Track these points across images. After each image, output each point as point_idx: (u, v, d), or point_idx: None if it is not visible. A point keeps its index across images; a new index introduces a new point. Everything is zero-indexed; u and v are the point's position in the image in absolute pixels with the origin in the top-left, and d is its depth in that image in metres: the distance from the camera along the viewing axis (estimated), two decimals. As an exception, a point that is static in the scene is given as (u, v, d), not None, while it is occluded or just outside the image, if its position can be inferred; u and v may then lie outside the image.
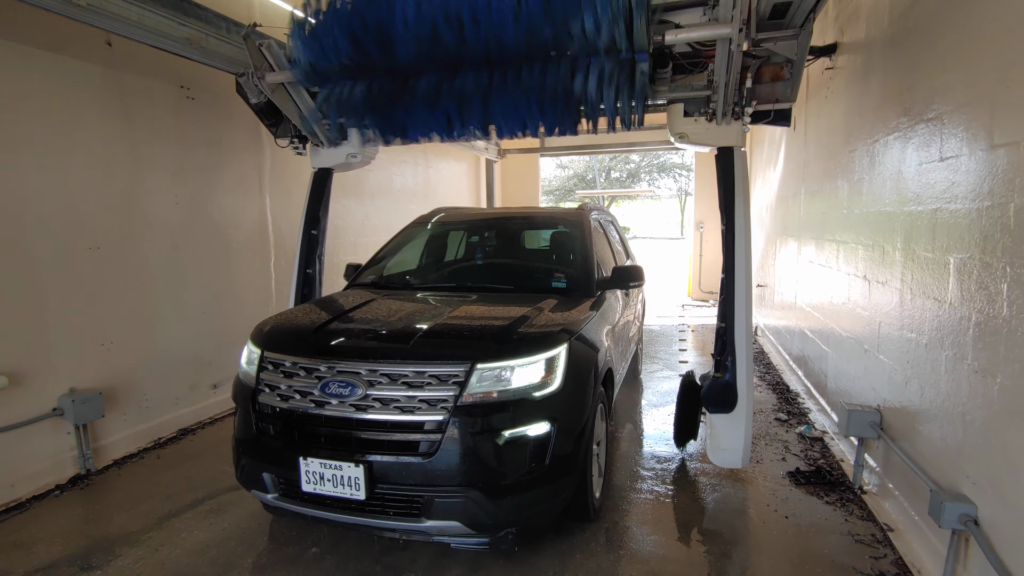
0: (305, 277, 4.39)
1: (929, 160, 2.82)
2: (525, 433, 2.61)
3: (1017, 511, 2.07)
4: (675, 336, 8.39)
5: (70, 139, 3.81)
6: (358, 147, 4.31)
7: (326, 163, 4.40)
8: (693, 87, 3.48)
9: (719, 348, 3.56)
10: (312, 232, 4.44)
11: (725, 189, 3.55)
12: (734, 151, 3.53)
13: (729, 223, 3.52)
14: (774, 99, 3.48)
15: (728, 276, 3.51)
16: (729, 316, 3.47)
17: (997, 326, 2.20)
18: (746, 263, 3.47)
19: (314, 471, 2.60)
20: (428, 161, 9.15)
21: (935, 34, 2.83)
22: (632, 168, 35.29)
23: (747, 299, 3.45)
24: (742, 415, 3.46)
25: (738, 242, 3.49)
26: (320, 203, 4.46)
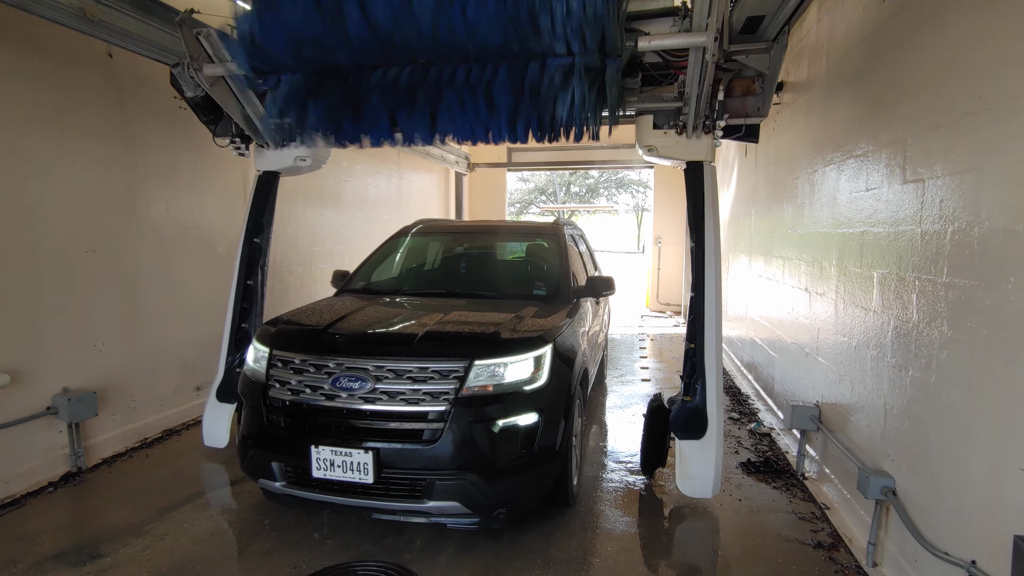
0: (245, 289, 4.16)
1: (858, 190, 3.33)
2: (516, 423, 2.94)
3: (926, 481, 2.53)
4: (635, 344, 8.88)
5: (70, 146, 3.94)
6: (307, 150, 4.06)
7: (272, 166, 4.19)
8: (663, 98, 3.41)
9: (688, 370, 3.46)
10: (254, 240, 4.19)
11: (695, 204, 3.47)
12: (704, 165, 3.50)
13: (699, 240, 3.43)
14: (744, 114, 3.44)
15: (697, 295, 3.41)
16: (699, 337, 3.39)
17: (909, 329, 2.68)
18: (716, 281, 3.40)
19: (325, 458, 2.85)
20: (401, 173, 9.41)
21: (863, 83, 3.35)
22: (591, 183, 36.27)
23: (717, 319, 3.38)
24: (712, 442, 3.35)
25: (708, 259, 3.40)
26: (264, 209, 4.22)
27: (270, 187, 4.24)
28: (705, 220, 3.44)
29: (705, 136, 3.47)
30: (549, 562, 2.99)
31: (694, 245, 3.47)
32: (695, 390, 3.41)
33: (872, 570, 2.88)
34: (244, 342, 4.09)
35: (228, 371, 4.10)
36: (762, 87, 3.41)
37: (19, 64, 3.62)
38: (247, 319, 4.16)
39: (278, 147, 4.06)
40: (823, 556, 3.06)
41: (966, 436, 2.24)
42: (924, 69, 2.66)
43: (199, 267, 5.13)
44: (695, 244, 3.47)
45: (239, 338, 4.13)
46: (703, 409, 3.38)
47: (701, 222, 3.44)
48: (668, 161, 3.71)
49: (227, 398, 4.07)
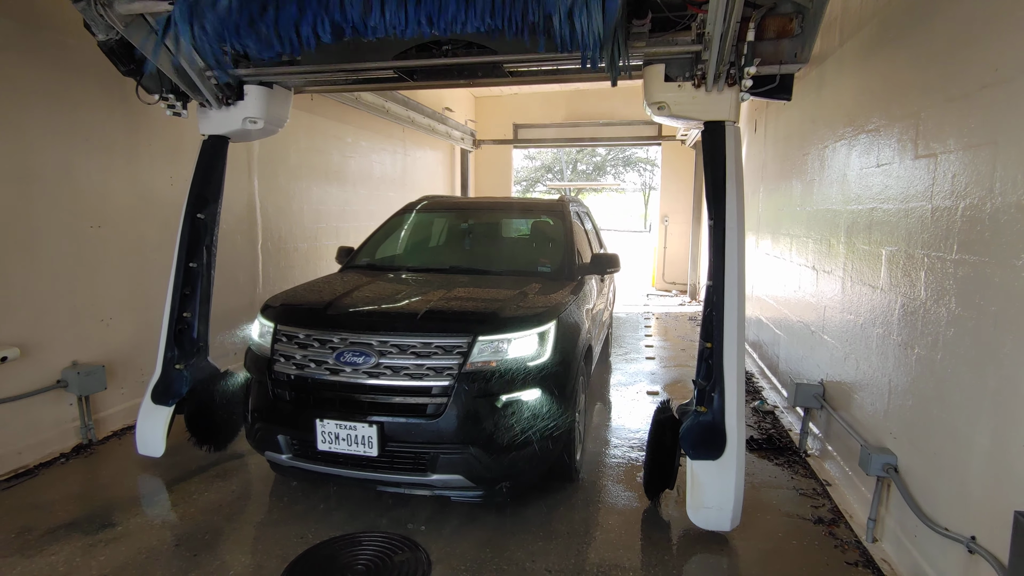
0: (186, 273, 3.69)
1: (868, 166, 3.27)
2: (520, 398, 2.95)
3: (928, 458, 2.53)
4: (641, 323, 8.88)
5: (75, 122, 3.92)
6: (258, 109, 3.57)
7: (218, 129, 3.71)
8: (678, 42, 2.88)
9: (703, 374, 2.96)
10: (198, 216, 3.71)
11: (714, 175, 2.93)
12: (726, 127, 2.95)
13: (719, 217, 2.89)
14: (779, 60, 2.85)
15: (716, 284, 2.87)
16: (717, 335, 2.85)
17: (916, 306, 2.65)
18: (739, 268, 2.85)
19: (330, 431, 2.88)
20: (406, 149, 9.34)
21: (877, 56, 3.27)
22: (598, 161, 35.96)
23: (739, 314, 2.83)
24: (732, 464, 2.81)
25: (729, 241, 2.85)
26: (210, 181, 3.72)
27: (217, 155, 3.76)
28: (727, 193, 2.88)
29: (729, 89, 2.89)
30: (551, 535, 3.03)
31: (713, 223, 2.92)
32: (711, 400, 2.88)
33: (872, 545, 2.90)
34: (186, 334, 3.72)
35: (166, 368, 3.68)
36: (802, 26, 2.78)
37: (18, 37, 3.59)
38: (189, 307, 3.73)
39: (223, 106, 3.54)
40: (823, 531, 3.08)
41: (970, 413, 2.23)
42: (939, 40, 2.59)
43: (204, 243, 5.13)
44: (714, 222, 2.91)
45: (179, 329, 3.71)
46: (720, 424, 2.83)
47: (722, 196, 2.89)
48: (681, 122, 3.13)
49: (164, 400, 3.63)
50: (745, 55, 2.77)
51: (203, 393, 3.68)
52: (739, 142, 2.99)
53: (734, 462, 2.83)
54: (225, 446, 3.87)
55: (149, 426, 3.64)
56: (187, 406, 3.66)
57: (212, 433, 3.74)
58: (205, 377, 3.76)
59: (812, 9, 2.77)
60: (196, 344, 3.79)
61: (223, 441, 3.84)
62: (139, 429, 3.66)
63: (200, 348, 3.82)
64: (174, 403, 3.64)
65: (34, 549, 2.86)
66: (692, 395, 3.10)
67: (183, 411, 3.68)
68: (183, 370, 3.68)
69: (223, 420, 3.75)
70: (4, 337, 3.53)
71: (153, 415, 3.64)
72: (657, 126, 11.57)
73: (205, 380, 3.74)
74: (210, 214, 3.77)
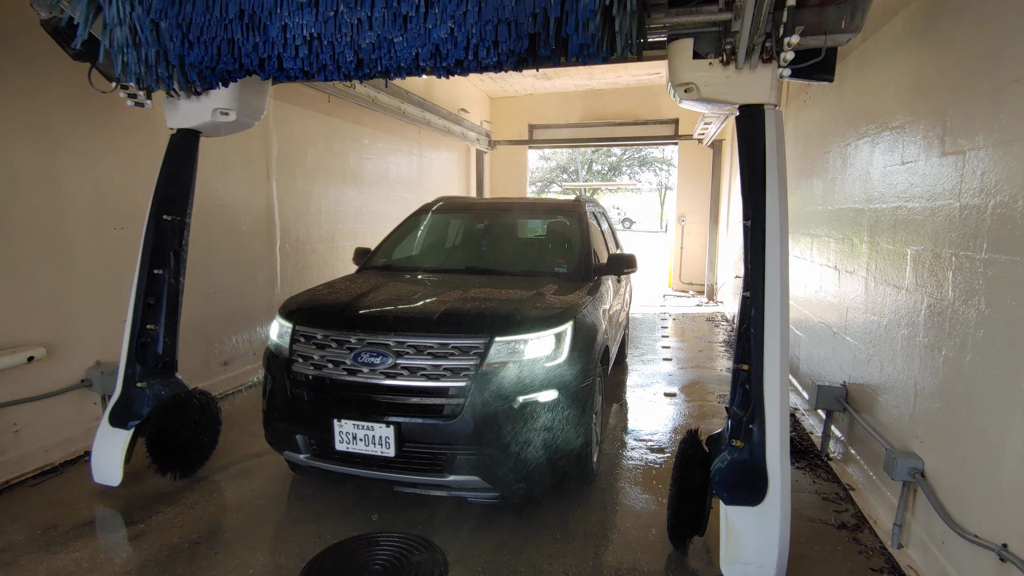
0: (151, 281, 3.39)
1: (892, 163, 3.20)
2: (537, 399, 2.93)
3: (956, 462, 2.47)
4: (657, 324, 8.81)
5: (100, 130, 3.99)
6: (229, 99, 3.25)
7: (186, 122, 3.40)
8: (702, 12, 2.58)
9: (739, 401, 2.60)
10: (164, 218, 3.40)
11: (751, 167, 2.60)
12: (765, 111, 2.61)
13: (758, 217, 2.56)
14: (823, 30, 2.47)
15: (754, 295, 2.52)
16: (755, 355, 2.48)
17: (943, 307, 2.59)
18: (781, 276, 2.49)
19: (347, 432, 2.89)
20: (422, 151, 9.37)
21: (901, 51, 3.20)
22: (613, 161, 35.86)
23: (783, 330, 2.46)
24: (775, 511, 2.41)
25: (770, 245, 2.50)
26: (177, 180, 3.44)
27: (186, 151, 3.48)
28: (767, 190, 2.54)
29: (766, 66, 2.53)
30: (568, 536, 3.01)
31: (750, 224, 2.58)
32: (749, 433, 2.50)
33: (897, 552, 2.84)
34: (149, 348, 3.41)
35: (126, 387, 3.37)
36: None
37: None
38: (154, 319, 3.42)
39: (191, 95, 3.24)
40: (847, 536, 3.02)
41: (1001, 417, 2.16)
42: (967, 34, 2.52)
43: (222, 245, 5.20)
44: (752, 223, 2.57)
45: (142, 343, 3.40)
46: (761, 462, 2.44)
47: (761, 192, 2.56)
48: (713, 106, 2.80)
49: (122, 422, 3.32)
50: (785, 24, 2.35)
51: (167, 414, 3.40)
52: (781, 129, 2.62)
53: (778, 509, 2.39)
54: (192, 472, 3.60)
55: (105, 451, 3.31)
56: (148, 429, 3.37)
57: (176, 458, 3.48)
58: (170, 396, 3.46)
59: None
60: (161, 359, 3.45)
61: (190, 467, 3.58)
62: (94, 455, 3.34)
63: (166, 364, 3.49)
64: (133, 426, 3.32)
65: (59, 545, 2.91)
66: (725, 425, 2.69)
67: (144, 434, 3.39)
68: (145, 388, 3.37)
69: (189, 443, 3.53)
70: (31, 337, 3.60)
71: (110, 439, 3.32)
72: (673, 125, 11.49)
73: (170, 400, 3.45)
74: (178, 216, 3.46)
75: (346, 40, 2.59)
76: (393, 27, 2.51)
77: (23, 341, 3.57)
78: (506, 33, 2.43)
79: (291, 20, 2.56)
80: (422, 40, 2.52)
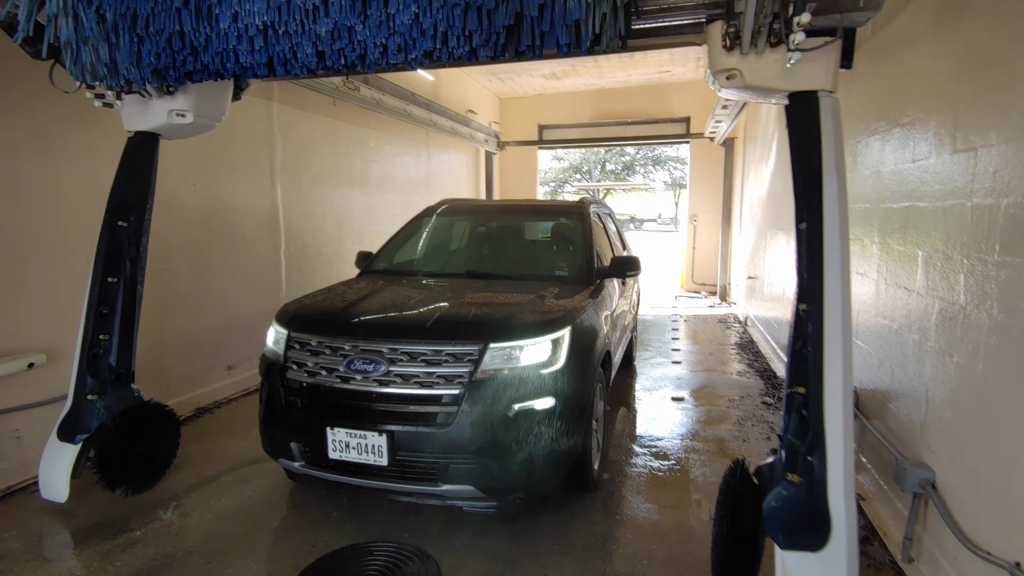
0: (103, 290, 3.28)
1: (903, 161, 3.08)
2: (533, 407, 2.87)
3: (969, 475, 2.35)
4: (668, 326, 8.68)
5: (98, 135, 4.01)
6: (185, 101, 3.15)
7: (143, 124, 3.30)
8: None
9: (794, 429, 2.32)
10: (119, 224, 3.31)
11: (804, 162, 2.38)
12: (820, 99, 2.41)
13: (813, 218, 2.32)
14: (838, 8, 2.29)
15: (812, 309, 2.27)
16: (814, 377, 2.24)
17: (955, 311, 2.47)
18: (843, 286, 2.26)
19: (340, 440, 2.85)
20: (430, 153, 9.35)
21: (911, 45, 3.08)
22: (627, 160, 35.62)
23: (845, 348, 2.22)
24: (840, 559, 2.15)
25: (830, 251, 2.26)
26: (134, 184, 3.33)
27: (143, 154, 3.36)
28: (824, 188, 2.30)
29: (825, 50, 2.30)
30: (567, 548, 2.94)
31: (805, 227, 2.34)
32: (808, 467, 2.22)
33: (908, 566, 2.72)
34: (101, 359, 3.29)
35: (77, 398, 3.26)
36: None
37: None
38: (107, 328, 3.30)
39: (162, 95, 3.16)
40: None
41: (1016, 428, 2.05)
42: (978, 26, 2.40)
43: (226, 248, 5.21)
44: (807, 225, 2.33)
45: (94, 353, 3.28)
46: (822, 501, 2.17)
47: (817, 191, 2.32)
48: (758, 95, 2.59)
49: (69, 436, 3.19)
50: (794, 2, 2.18)
51: (115, 428, 3.26)
52: (839, 118, 2.38)
53: (843, 556, 2.11)
54: (144, 489, 3.45)
55: (52, 466, 3.19)
56: (94, 443, 3.24)
57: (125, 474, 3.34)
58: (121, 409, 3.32)
59: None
60: (114, 371, 3.32)
61: (141, 483, 3.43)
62: (41, 469, 3.22)
63: (120, 375, 3.35)
64: (81, 440, 3.19)
65: (55, 553, 2.91)
66: (778, 454, 2.38)
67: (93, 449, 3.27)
68: (96, 401, 3.25)
69: (141, 459, 3.40)
70: (31, 344, 3.62)
71: (57, 454, 3.19)
72: (684, 123, 11.34)
73: (120, 413, 3.30)
74: (135, 222, 3.35)
75: (303, 29, 2.45)
76: (352, 13, 2.36)
77: (24, 347, 3.59)
78: (476, 21, 2.27)
79: (241, 7, 2.43)
80: (386, 28, 2.36)
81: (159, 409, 3.58)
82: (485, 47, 2.33)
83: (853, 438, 2.23)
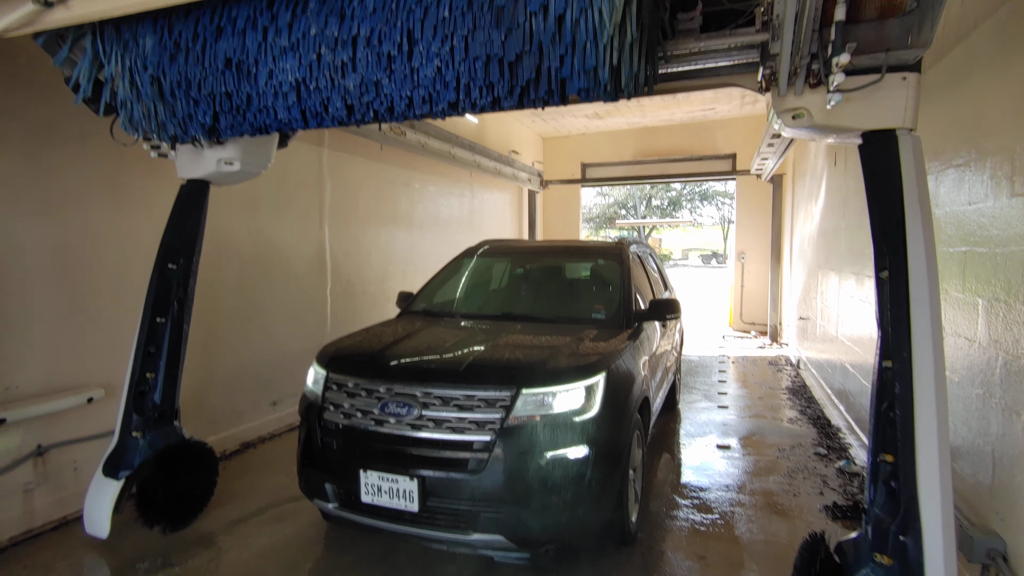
0: (151, 329, 3.40)
1: (958, 204, 2.94)
2: (565, 455, 2.80)
3: (1044, 547, 2.14)
4: (715, 367, 8.40)
5: (159, 181, 4.29)
6: (233, 150, 3.33)
7: (195, 172, 3.49)
8: (737, 33, 2.43)
9: (882, 503, 2.12)
10: (169, 266, 3.46)
11: (883, 205, 2.25)
12: (899, 137, 2.28)
13: (897, 267, 2.17)
14: (884, 47, 2.18)
15: (900, 367, 2.10)
16: (904, 445, 2.04)
17: (1021, 366, 2.29)
18: (934, 342, 2.06)
19: (372, 483, 2.85)
20: (473, 192, 9.55)
21: (962, 85, 2.97)
22: (673, 196, 35.31)
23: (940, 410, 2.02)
24: None
25: (918, 303, 2.09)
26: (184, 228, 3.51)
27: (194, 200, 3.54)
28: (909, 234, 2.16)
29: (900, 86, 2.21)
30: (601, 606, 2.82)
31: (888, 275, 2.20)
32: (900, 548, 1.99)
33: (980, 647, 2.47)
34: (147, 396, 3.40)
35: (123, 435, 3.33)
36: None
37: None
38: (153, 367, 3.41)
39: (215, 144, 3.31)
40: (919, 624, 2.66)
41: (1096, 500, 1.86)
42: (1035, 66, 2.30)
43: (275, 287, 5.41)
44: (889, 274, 2.19)
45: (141, 391, 3.38)
46: None
47: (900, 237, 2.17)
48: (828, 135, 2.51)
49: (113, 472, 3.25)
50: (833, 42, 2.14)
51: (156, 465, 3.35)
52: (921, 157, 2.26)
53: None
54: (182, 526, 3.51)
55: (95, 502, 3.23)
56: (136, 480, 3.29)
57: (164, 510, 3.41)
58: (163, 447, 3.40)
59: None
60: (158, 408, 3.42)
61: (179, 520, 3.49)
62: (86, 505, 3.28)
63: (164, 413, 3.45)
64: (124, 476, 3.23)
65: (100, 586, 3.00)
66: (863, 530, 2.17)
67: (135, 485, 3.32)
68: (140, 438, 3.34)
69: (179, 495, 3.46)
70: (91, 379, 3.83)
71: (101, 490, 3.23)
72: (730, 160, 11.20)
73: (162, 450, 3.39)
74: (184, 265, 3.50)
75: (332, 85, 2.57)
76: (377, 68, 2.45)
77: (85, 382, 3.80)
78: (498, 73, 2.30)
79: (276, 66, 2.57)
80: (410, 82, 2.43)
81: (198, 447, 3.68)
82: (508, 98, 2.36)
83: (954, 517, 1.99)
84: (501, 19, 2.18)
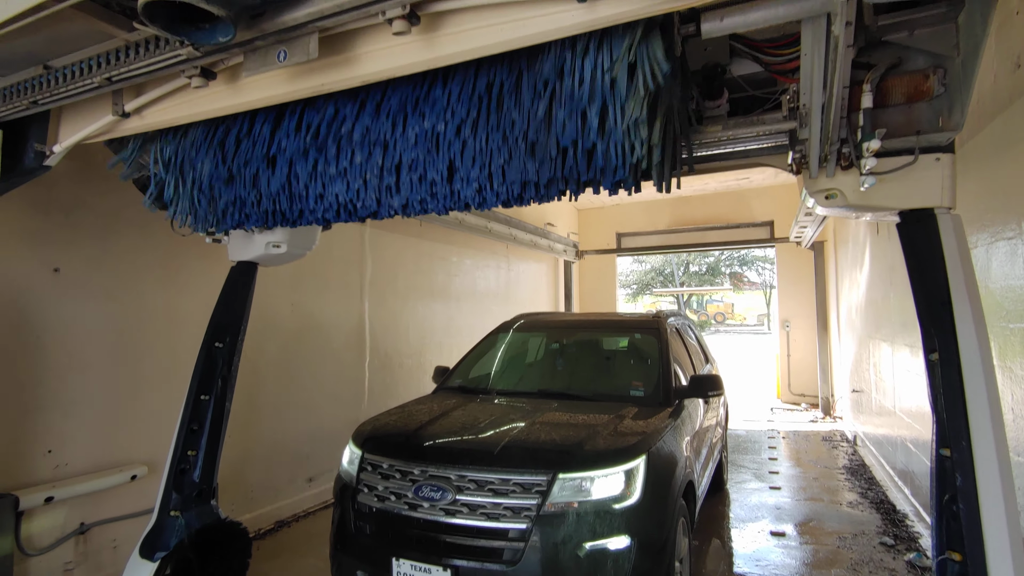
0: (196, 405, 3.44)
1: (1014, 277, 2.81)
2: (606, 547, 2.66)
3: None
4: (764, 443, 7.98)
5: (208, 263, 4.53)
6: (281, 234, 3.50)
7: (244, 255, 3.63)
8: (765, 120, 2.44)
9: None
10: (216, 345, 3.52)
11: (926, 285, 2.18)
12: (938, 217, 2.23)
13: (947, 348, 2.07)
14: (914, 130, 2.21)
15: (960, 457, 1.98)
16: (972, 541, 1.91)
17: (1106, 456, 2.09)
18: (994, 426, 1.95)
19: (405, 573, 2.76)
20: (509, 264, 9.69)
21: (1004, 152, 2.91)
22: (711, 262, 34.96)
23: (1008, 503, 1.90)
24: None
25: (973, 387, 1.99)
26: (232, 308, 3.61)
27: (243, 281, 3.66)
28: (957, 314, 2.06)
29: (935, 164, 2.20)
30: None
31: (938, 358, 2.09)
32: None
33: None
34: (187, 474, 3.39)
35: (161, 515, 3.30)
36: (944, 83, 2.14)
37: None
38: (195, 444, 3.42)
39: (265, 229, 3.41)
40: None
41: None
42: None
43: (315, 361, 5.51)
44: (940, 357, 2.08)
45: (181, 469, 3.38)
46: None
47: (947, 317, 2.08)
48: (864, 214, 2.51)
49: (149, 553, 3.17)
50: (862, 127, 2.15)
51: (191, 546, 3.28)
52: (963, 236, 2.19)
53: None
54: None
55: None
56: (171, 561, 3.21)
57: None
58: (199, 527, 3.34)
59: (959, 59, 2.05)
60: (197, 487, 3.39)
61: None
62: None
63: (202, 492, 3.42)
64: (159, 557, 3.18)
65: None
66: None
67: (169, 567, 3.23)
68: (178, 518, 3.30)
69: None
70: (136, 455, 3.91)
71: (137, 571, 3.17)
72: (768, 227, 11.10)
73: (198, 531, 3.32)
74: (230, 343, 3.58)
75: (378, 205, 2.69)
76: (420, 190, 2.56)
77: (130, 459, 3.88)
78: (533, 191, 2.37)
79: (326, 191, 2.72)
80: (451, 201, 2.54)
81: (233, 528, 3.64)
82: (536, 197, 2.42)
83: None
84: (535, 152, 2.23)
